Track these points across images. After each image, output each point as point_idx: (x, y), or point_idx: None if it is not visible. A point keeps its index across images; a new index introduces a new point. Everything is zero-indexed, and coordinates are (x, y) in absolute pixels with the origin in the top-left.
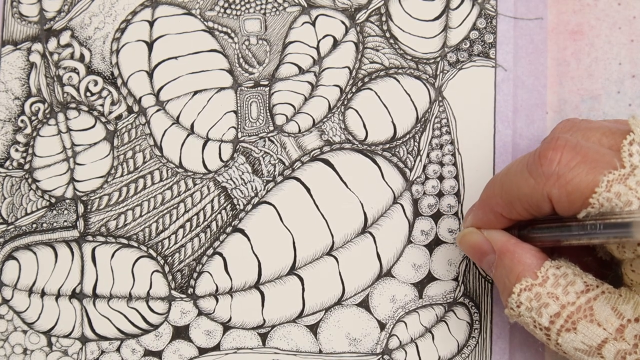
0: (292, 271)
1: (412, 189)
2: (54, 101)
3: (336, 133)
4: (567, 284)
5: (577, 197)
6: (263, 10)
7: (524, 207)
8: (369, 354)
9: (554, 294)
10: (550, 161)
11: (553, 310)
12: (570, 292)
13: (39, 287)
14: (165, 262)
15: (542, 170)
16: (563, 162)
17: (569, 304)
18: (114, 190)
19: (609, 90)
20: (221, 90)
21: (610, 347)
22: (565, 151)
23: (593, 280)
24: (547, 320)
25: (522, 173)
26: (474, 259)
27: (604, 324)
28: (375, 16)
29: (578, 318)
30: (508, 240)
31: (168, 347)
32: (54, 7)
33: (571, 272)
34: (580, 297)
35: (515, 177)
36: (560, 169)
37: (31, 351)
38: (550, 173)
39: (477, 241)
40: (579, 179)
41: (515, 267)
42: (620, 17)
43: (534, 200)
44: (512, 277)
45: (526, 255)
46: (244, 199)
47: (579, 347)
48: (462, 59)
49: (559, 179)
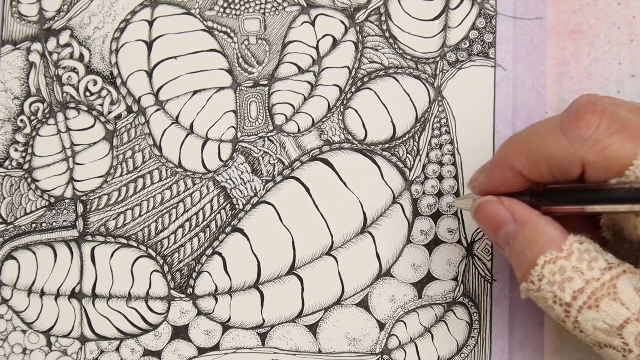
0: (291, 271)
1: (412, 189)
2: (54, 101)
3: (336, 133)
4: (591, 260)
5: (615, 164)
6: (263, 10)
7: (550, 168)
8: (369, 354)
9: (579, 268)
10: (589, 125)
11: (577, 286)
12: (594, 268)
13: (38, 287)
14: (165, 262)
15: (580, 133)
16: (602, 127)
17: (594, 280)
18: (114, 190)
19: (609, 90)
20: (221, 90)
21: (632, 328)
22: (605, 117)
23: (614, 259)
24: (570, 296)
25: (554, 133)
26: (489, 230)
27: (627, 304)
28: (375, 16)
29: (602, 295)
30: (531, 212)
31: (167, 347)
32: (54, 7)
33: (593, 249)
34: (604, 274)
35: (546, 137)
36: (599, 134)
37: (31, 351)
38: (588, 137)
39: (497, 209)
40: (618, 146)
41: (539, 238)
42: (620, 17)
43: (564, 163)
44: (535, 248)
45: (550, 227)
46: (243, 199)
47: (599, 327)
48: (462, 59)
49: (597, 144)
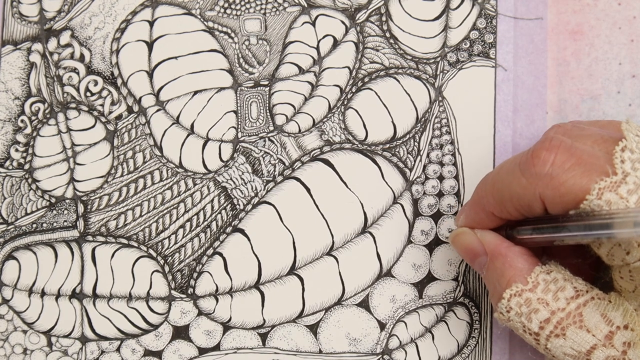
0: (292, 271)
1: (412, 189)
2: (54, 101)
3: (336, 133)
4: (557, 290)
5: (570, 199)
6: (263, 10)
7: (515, 206)
8: (369, 354)
9: (544, 299)
10: (544, 161)
11: (543, 316)
12: (560, 298)
13: (39, 287)
14: (165, 262)
15: (535, 171)
16: (557, 163)
17: (559, 310)
18: (114, 190)
19: (609, 90)
20: (221, 90)
21: (599, 353)
22: (560, 152)
23: (583, 286)
24: (537, 326)
25: (514, 172)
26: (466, 259)
27: (593, 330)
28: (375, 16)
29: (567, 324)
30: (500, 243)
31: (168, 347)
32: (54, 7)
33: (561, 277)
34: (570, 303)
35: (507, 176)
36: (554, 170)
37: (31, 351)
38: (543, 173)
39: (469, 242)
40: (572, 181)
41: (507, 271)
42: (620, 17)
43: (526, 200)
44: (502, 281)
45: (518, 259)
46: (244, 199)
47: (568, 353)
48: (462, 59)
49: (552, 180)
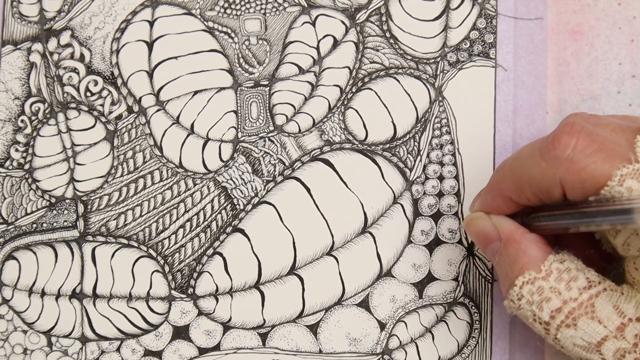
0: (292, 271)
1: (412, 189)
2: (54, 101)
3: (336, 133)
4: (570, 279)
5: (591, 184)
6: (263, 10)
7: (533, 191)
8: (369, 354)
9: (556, 288)
10: (565, 145)
11: (554, 305)
12: (572, 288)
13: (39, 287)
14: (165, 262)
15: (556, 154)
16: (579, 147)
17: (571, 300)
18: (114, 190)
19: (609, 90)
20: (221, 90)
21: (610, 345)
22: (582, 137)
23: (595, 277)
24: (548, 315)
25: (533, 156)
26: (479, 244)
27: (604, 322)
28: (375, 16)
29: (579, 314)
30: (516, 230)
31: (168, 347)
32: (54, 7)
33: (574, 267)
34: (582, 294)
35: (527, 161)
36: (575, 154)
37: (31, 351)
38: (564, 158)
39: (484, 227)
40: (594, 166)
41: (520, 258)
42: (620, 17)
43: (545, 185)
44: (515, 268)
45: (532, 246)
46: (244, 198)
47: (578, 343)
48: (462, 59)
49: (573, 165)
